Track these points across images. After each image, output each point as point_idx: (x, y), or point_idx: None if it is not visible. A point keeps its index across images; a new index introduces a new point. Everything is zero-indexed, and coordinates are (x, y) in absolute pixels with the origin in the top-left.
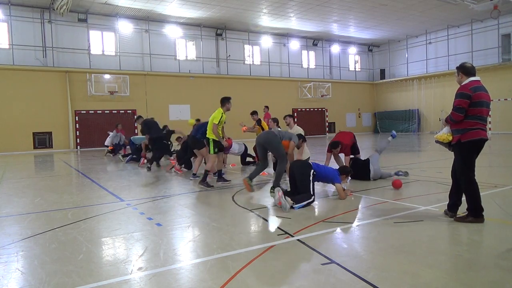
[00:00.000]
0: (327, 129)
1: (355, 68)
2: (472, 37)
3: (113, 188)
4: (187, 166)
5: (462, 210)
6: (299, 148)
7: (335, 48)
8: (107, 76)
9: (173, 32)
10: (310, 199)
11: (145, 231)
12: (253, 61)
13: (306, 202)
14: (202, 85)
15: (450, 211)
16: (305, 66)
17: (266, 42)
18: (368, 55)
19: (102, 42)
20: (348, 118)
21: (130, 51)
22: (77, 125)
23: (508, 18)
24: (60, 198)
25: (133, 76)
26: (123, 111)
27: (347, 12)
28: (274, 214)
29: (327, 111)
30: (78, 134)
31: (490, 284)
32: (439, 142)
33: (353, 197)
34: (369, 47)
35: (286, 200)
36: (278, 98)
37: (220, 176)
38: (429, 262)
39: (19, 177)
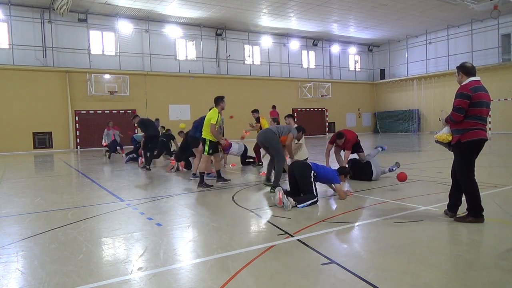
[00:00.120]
0: (327, 129)
1: (355, 68)
2: (472, 37)
3: (113, 188)
4: (187, 166)
5: (462, 210)
6: (299, 139)
7: (335, 48)
8: (107, 76)
9: (173, 32)
10: (314, 199)
11: (145, 231)
12: (253, 61)
13: (310, 202)
14: (202, 85)
15: (450, 211)
16: (305, 66)
17: (266, 42)
18: (368, 55)
19: (102, 42)
20: (348, 118)
21: (130, 51)
22: (77, 125)
23: (508, 18)
24: (60, 198)
25: (133, 76)
26: (123, 111)
27: (347, 12)
28: (274, 214)
29: (327, 111)
30: (78, 134)
31: (490, 284)
32: (439, 142)
33: (353, 197)
34: (369, 47)
35: (288, 199)
36: (278, 98)
37: (219, 176)
38: (429, 262)
39: (19, 177)
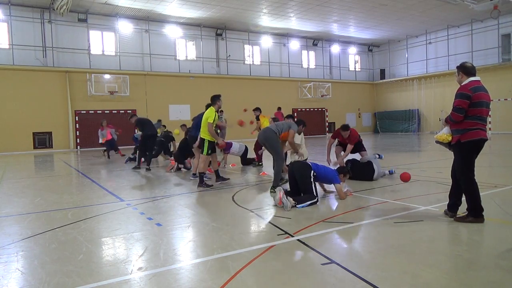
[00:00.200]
0: (327, 129)
1: (355, 68)
2: (472, 37)
3: (113, 188)
4: (187, 166)
5: (462, 210)
6: (300, 133)
7: (335, 48)
8: (107, 76)
9: (173, 32)
10: (314, 200)
11: (145, 231)
12: (253, 61)
13: (309, 202)
14: (202, 85)
15: (450, 211)
16: (305, 66)
17: (266, 42)
18: (368, 55)
19: (102, 42)
20: (348, 118)
21: (130, 51)
22: (77, 125)
23: (508, 18)
24: (60, 198)
25: (133, 76)
26: (123, 111)
27: (347, 12)
28: (274, 214)
29: (327, 111)
30: (78, 134)
31: (490, 284)
32: (439, 142)
33: (353, 196)
34: (369, 47)
35: (288, 199)
36: (278, 98)
37: (218, 176)
38: (429, 262)
39: (19, 177)
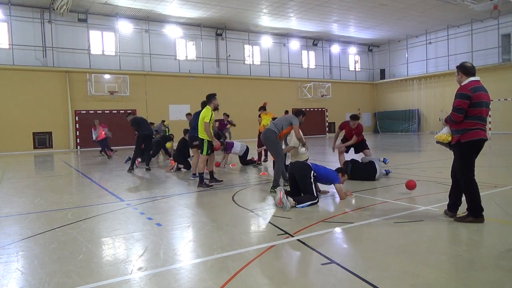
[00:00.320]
0: (327, 129)
1: (355, 68)
2: (472, 37)
3: (113, 188)
4: (187, 166)
5: (462, 210)
6: (301, 123)
7: (335, 48)
8: (107, 76)
9: (173, 32)
10: (314, 200)
11: (145, 231)
12: (253, 61)
13: (309, 203)
14: (202, 85)
15: (450, 211)
16: (305, 66)
17: (266, 42)
18: (368, 55)
19: (102, 42)
20: (348, 118)
21: (130, 51)
22: (77, 125)
23: (508, 18)
24: (60, 198)
25: (133, 76)
26: (123, 111)
27: (347, 12)
28: (274, 214)
29: (327, 111)
30: (78, 134)
31: (490, 284)
32: (439, 142)
33: (353, 196)
34: (369, 47)
35: (288, 200)
36: (278, 98)
37: (212, 177)
38: (429, 262)
39: (19, 177)
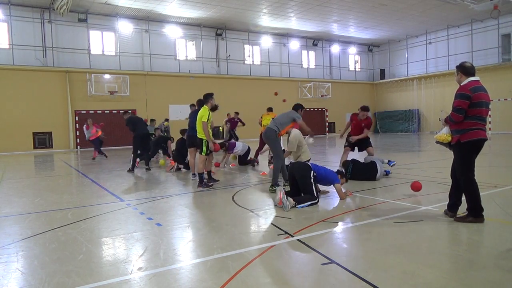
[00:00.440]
0: (327, 129)
1: (355, 68)
2: (472, 37)
3: (113, 188)
4: (187, 167)
5: (462, 210)
6: (300, 117)
7: (335, 48)
8: (107, 76)
9: (173, 32)
10: (314, 200)
11: (145, 231)
12: (253, 61)
13: (309, 203)
14: (202, 85)
15: (450, 211)
16: (305, 66)
17: (266, 42)
18: (368, 55)
19: (102, 42)
20: (348, 118)
21: (130, 51)
22: (77, 125)
23: (508, 18)
24: (60, 198)
25: (133, 76)
26: (123, 111)
27: (347, 12)
28: (274, 214)
29: (327, 111)
30: (78, 134)
31: (490, 284)
32: (439, 142)
33: (353, 197)
34: (369, 47)
35: (288, 200)
36: (278, 98)
37: (209, 176)
38: (429, 262)
39: (19, 177)
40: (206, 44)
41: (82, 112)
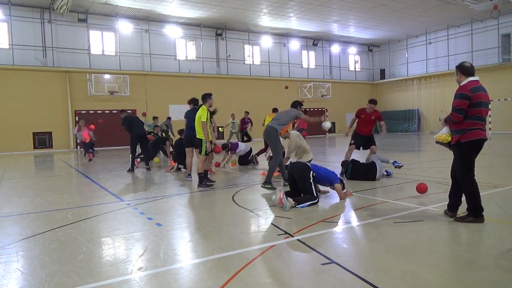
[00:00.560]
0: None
1: (355, 68)
2: (472, 37)
3: (113, 188)
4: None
5: (462, 210)
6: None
7: (335, 48)
8: (107, 76)
9: (173, 32)
10: (314, 200)
11: (145, 231)
12: (253, 61)
13: (309, 203)
14: (202, 85)
15: (450, 211)
16: (305, 66)
17: (266, 42)
18: (368, 55)
19: (102, 42)
20: (348, 118)
21: (130, 51)
22: (77, 125)
23: (508, 18)
24: (60, 198)
25: (133, 76)
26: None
27: (347, 12)
28: (274, 214)
29: (327, 111)
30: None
31: (490, 284)
32: (439, 143)
33: (353, 196)
34: (369, 47)
35: (288, 200)
36: (278, 98)
37: (206, 176)
38: (429, 262)
39: (19, 177)
40: (206, 44)
41: (82, 112)
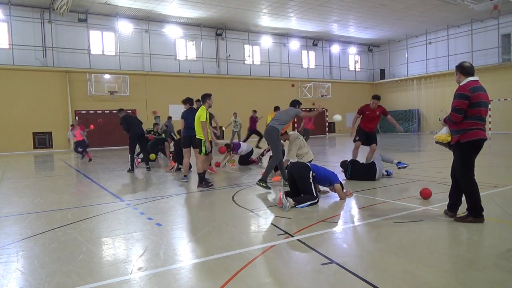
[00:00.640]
0: (327, 129)
1: (355, 68)
2: (472, 37)
3: (113, 188)
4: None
5: (462, 210)
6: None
7: (335, 48)
8: (107, 76)
9: (173, 32)
10: (314, 200)
11: (145, 231)
12: (253, 61)
13: (309, 203)
14: (202, 85)
15: (450, 211)
16: (305, 66)
17: (266, 42)
18: (368, 55)
19: (102, 42)
20: (348, 118)
21: (130, 51)
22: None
23: (508, 18)
24: (60, 198)
25: (133, 76)
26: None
27: (347, 12)
28: (274, 214)
29: (327, 111)
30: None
31: (490, 284)
32: (439, 143)
33: (353, 196)
34: (369, 47)
35: (288, 200)
36: (278, 98)
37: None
38: (429, 262)
39: (19, 177)
40: (206, 44)
41: (82, 112)
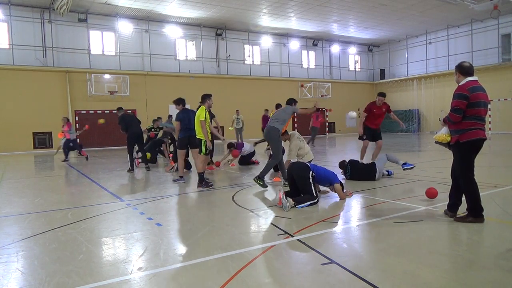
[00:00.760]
0: (327, 129)
1: (355, 68)
2: (472, 37)
3: (113, 188)
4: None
5: (462, 210)
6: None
7: (335, 48)
8: (107, 76)
9: (173, 32)
10: (314, 200)
11: (145, 231)
12: (253, 61)
13: (309, 203)
14: (202, 85)
15: (450, 211)
16: (305, 66)
17: (266, 42)
18: (368, 55)
19: (102, 42)
20: (348, 118)
21: (130, 51)
22: (77, 125)
23: (508, 18)
24: (60, 198)
25: (133, 76)
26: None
27: (347, 12)
28: (274, 214)
29: (327, 111)
30: (78, 134)
31: (490, 284)
32: (439, 143)
33: (353, 196)
34: (369, 47)
35: (288, 200)
36: (278, 98)
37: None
38: (429, 262)
39: (19, 177)
40: (206, 44)
41: (82, 112)
